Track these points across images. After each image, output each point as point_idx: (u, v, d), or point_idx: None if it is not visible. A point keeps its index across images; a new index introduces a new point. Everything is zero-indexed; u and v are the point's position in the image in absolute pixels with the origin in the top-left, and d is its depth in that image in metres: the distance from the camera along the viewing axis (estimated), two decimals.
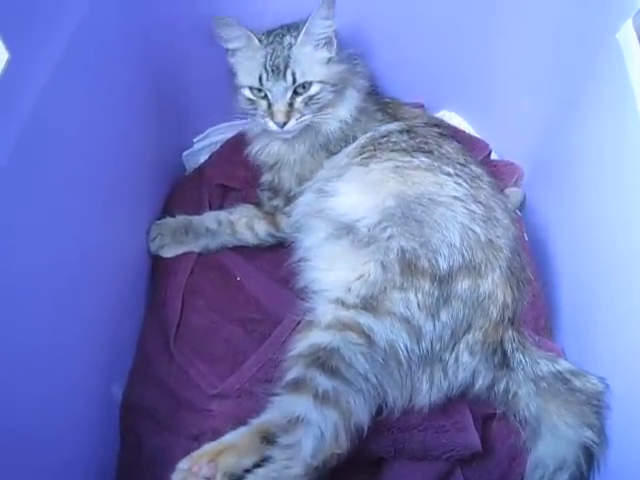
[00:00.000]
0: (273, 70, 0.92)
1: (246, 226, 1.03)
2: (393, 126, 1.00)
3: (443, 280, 0.83)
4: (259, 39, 0.93)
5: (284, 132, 0.95)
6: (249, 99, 0.96)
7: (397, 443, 0.83)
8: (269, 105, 0.94)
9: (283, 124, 0.93)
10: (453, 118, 1.21)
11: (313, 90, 0.94)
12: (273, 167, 1.03)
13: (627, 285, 0.77)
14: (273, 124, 0.94)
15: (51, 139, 0.68)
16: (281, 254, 1.00)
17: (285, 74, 0.92)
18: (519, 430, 0.84)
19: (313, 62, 0.94)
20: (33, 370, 0.65)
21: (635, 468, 0.73)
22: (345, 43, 0.98)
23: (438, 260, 0.83)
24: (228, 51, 0.96)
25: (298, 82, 0.92)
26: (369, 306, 0.82)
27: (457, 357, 0.83)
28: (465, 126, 1.21)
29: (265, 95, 0.94)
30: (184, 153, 1.20)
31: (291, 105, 0.93)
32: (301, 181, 1.00)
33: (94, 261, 0.79)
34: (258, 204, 1.06)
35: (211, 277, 1.02)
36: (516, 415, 0.85)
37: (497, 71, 1.09)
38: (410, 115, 1.04)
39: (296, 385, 0.78)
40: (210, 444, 0.78)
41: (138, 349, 0.96)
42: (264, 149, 1.02)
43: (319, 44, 0.94)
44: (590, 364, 0.85)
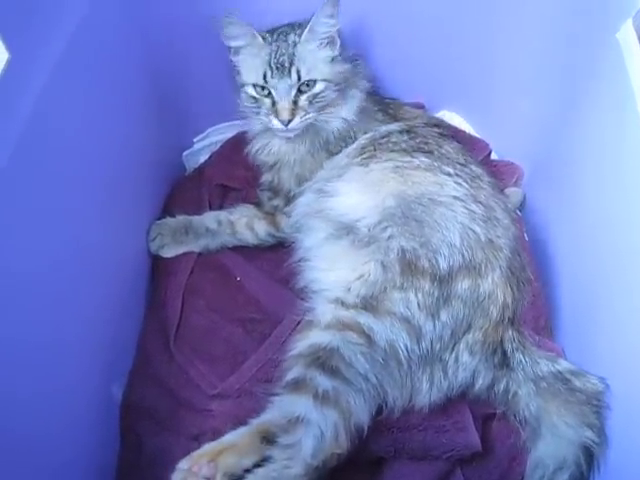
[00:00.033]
0: (278, 67, 0.92)
1: (246, 226, 1.03)
2: (393, 126, 1.00)
3: (443, 280, 0.83)
4: (263, 37, 0.93)
5: (288, 130, 0.94)
6: (253, 97, 0.95)
7: (397, 443, 0.83)
8: (273, 103, 0.93)
9: (288, 122, 0.92)
10: (453, 118, 1.21)
11: (317, 88, 0.93)
12: (273, 167, 1.03)
13: (627, 285, 0.77)
14: (277, 122, 0.93)
15: (51, 139, 0.68)
16: (281, 254, 1.00)
17: (290, 71, 0.91)
18: (519, 430, 0.84)
19: (317, 60, 0.93)
20: (33, 370, 0.65)
21: (635, 468, 0.72)
22: (346, 42, 0.98)
23: (438, 260, 0.83)
24: (231, 49, 0.96)
25: (303, 80, 0.92)
26: (369, 306, 0.82)
27: (457, 357, 0.83)
28: (465, 126, 1.21)
29: (269, 93, 0.93)
30: (184, 153, 1.20)
31: (295, 103, 0.93)
32: (301, 181, 1.00)
33: (94, 261, 0.79)
34: (258, 204, 1.06)
35: (211, 277, 1.02)
36: (516, 415, 0.85)
37: (497, 71, 1.09)
38: (410, 115, 1.05)
39: (296, 385, 0.78)
40: (210, 444, 0.78)
41: (138, 349, 0.96)
42: (264, 148, 1.02)
43: (323, 43, 0.93)
44: (590, 364, 0.85)
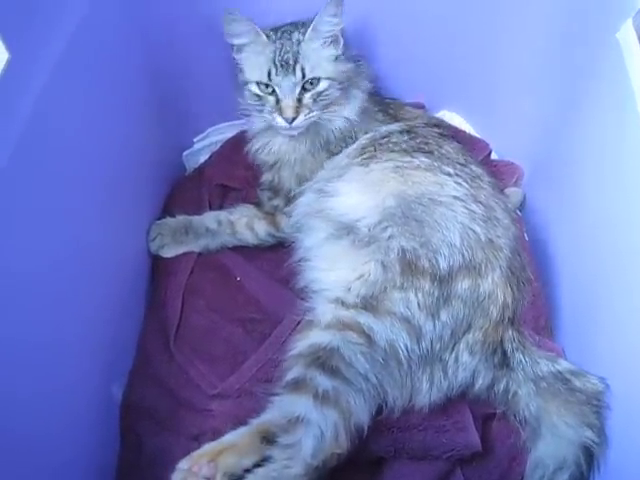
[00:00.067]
0: (282, 65, 0.91)
1: (246, 226, 1.03)
2: (394, 127, 1.00)
3: (443, 280, 0.83)
4: (267, 35, 0.93)
5: (292, 128, 0.94)
6: (256, 95, 0.95)
7: (397, 443, 0.83)
8: (277, 100, 0.93)
9: (292, 120, 0.92)
10: (454, 118, 1.21)
11: (322, 86, 0.94)
12: (273, 166, 1.03)
13: (627, 285, 0.77)
14: (281, 120, 0.93)
15: (51, 139, 0.68)
16: (281, 254, 1.00)
17: (294, 69, 0.91)
18: (519, 430, 0.84)
19: (321, 58, 0.93)
20: (33, 370, 0.65)
21: (635, 468, 0.73)
22: (349, 41, 0.98)
23: (438, 260, 0.83)
24: (234, 47, 0.96)
25: (307, 77, 0.92)
26: (369, 306, 0.82)
27: (457, 357, 0.83)
28: (466, 126, 1.21)
29: (273, 90, 0.93)
30: (184, 153, 1.20)
31: (299, 101, 0.93)
32: (301, 181, 1.00)
33: (94, 261, 0.79)
34: (258, 204, 1.06)
35: (211, 277, 1.02)
36: (516, 415, 0.85)
37: (498, 71, 1.09)
38: (411, 116, 1.05)
39: (296, 385, 0.78)
40: (210, 444, 0.78)
41: (138, 349, 0.96)
42: (264, 147, 1.02)
43: (326, 42, 0.93)
44: (590, 364, 0.85)
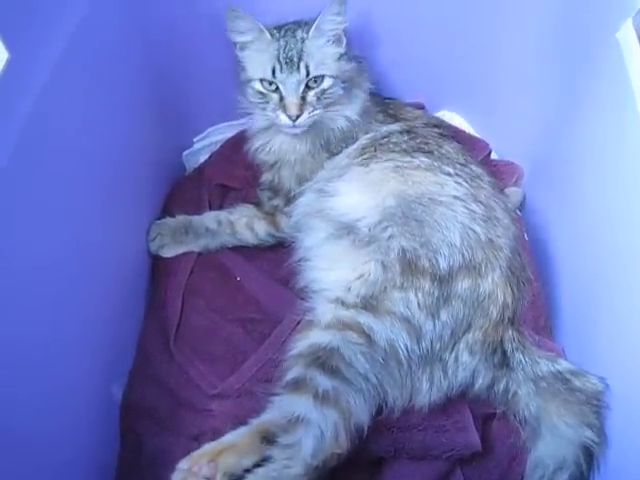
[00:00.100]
0: (287, 62, 0.91)
1: (246, 226, 1.03)
2: (394, 127, 1.00)
3: (443, 280, 0.83)
4: (270, 33, 0.93)
5: (295, 126, 0.94)
6: (260, 92, 0.95)
7: (397, 443, 0.82)
8: (281, 98, 0.93)
9: (296, 117, 0.92)
10: (454, 118, 1.21)
11: (325, 84, 0.94)
12: (273, 166, 1.03)
13: (627, 285, 0.77)
14: (285, 117, 0.93)
15: (51, 139, 0.68)
16: (281, 254, 1.00)
17: (299, 66, 0.91)
18: (519, 430, 0.84)
19: (325, 56, 0.94)
20: (33, 370, 0.65)
21: (635, 468, 0.73)
22: (350, 41, 0.97)
23: (438, 260, 0.83)
24: (237, 44, 0.95)
25: (311, 75, 0.92)
26: (369, 306, 0.82)
27: (457, 357, 0.83)
28: (465, 126, 1.21)
29: (277, 88, 0.93)
30: (184, 153, 1.20)
31: (303, 99, 0.93)
32: (301, 181, 1.00)
33: (94, 261, 0.79)
34: (258, 204, 1.06)
35: (211, 277, 1.02)
36: (516, 415, 0.85)
37: (498, 71, 1.09)
38: (411, 116, 1.05)
39: (296, 385, 0.78)
40: (210, 444, 0.78)
41: (138, 349, 0.96)
42: (264, 147, 1.02)
43: (330, 40, 0.94)
44: (590, 364, 0.85)
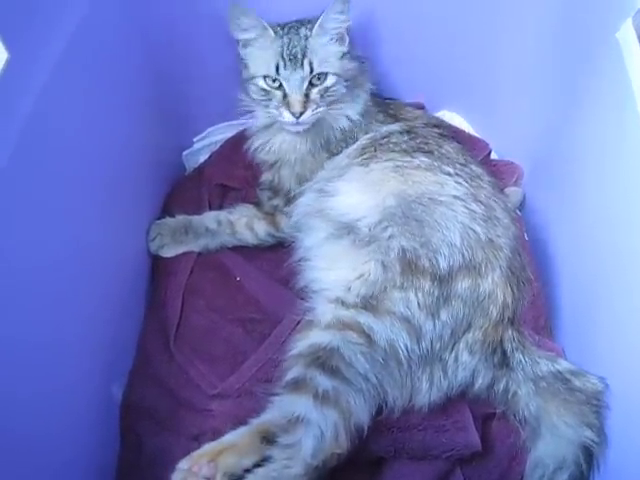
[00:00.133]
0: (290, 59, 0.91)
1: (246, 226, 1.03)
2: (394, 127, 1.00)
3: (443, 279, 0.83)
4: (274, 30, 0.93)
5: (299, 124, 0.94)
6: (263, 89, 0.95)
7: (397, 443, 0.83)
8: (284, 95, 0.93)
9: (299, 115, 0.92)
10: (454, 118, 1.21)
11: (329, 82, 0.94)
12: (273, 166, 1.03)
13: (627, 285, 0.77)
14: (288, 114, 0.93)
15: (51, 139, 0.68)
16: (281, 254, 1.00)
17: (302, 63, 0.91)
18: (519, 430, 0.85)
19: (329, 54, 0.94)
20: (33, 370, 0.65)
21: (635, 468, 0.73)
22: (352, 41, 0.97)
23: (438, 260, 0.83)
24: (240, 42, 0.95)
25: (315, 72, 0.92)
26: (369, 305, 0.82)
27: (457, 356, 0.83)
28: (465, 126, 1.21)
29: (280, 85, 0.93)
30: (184, 153, 1.20)
31: (307, 96, 0.93)
32: (301, 181, 1.00)
33: (94, 261, 0.79)
34: (258, 204, 1.06)
35: (211, 277, 1.02)
36: (516, 415, 0.85)
37: (498, 71, 1.09)
38: (411, 116, 1.05)
39: (296, 385, 0.78)
40: (210, 444, 0.78)
41: (138, 349, 0.96)
42: (264, 146, 1.02)
43: (333, 38, 0.94)
44: (590, 364, 0.85)
